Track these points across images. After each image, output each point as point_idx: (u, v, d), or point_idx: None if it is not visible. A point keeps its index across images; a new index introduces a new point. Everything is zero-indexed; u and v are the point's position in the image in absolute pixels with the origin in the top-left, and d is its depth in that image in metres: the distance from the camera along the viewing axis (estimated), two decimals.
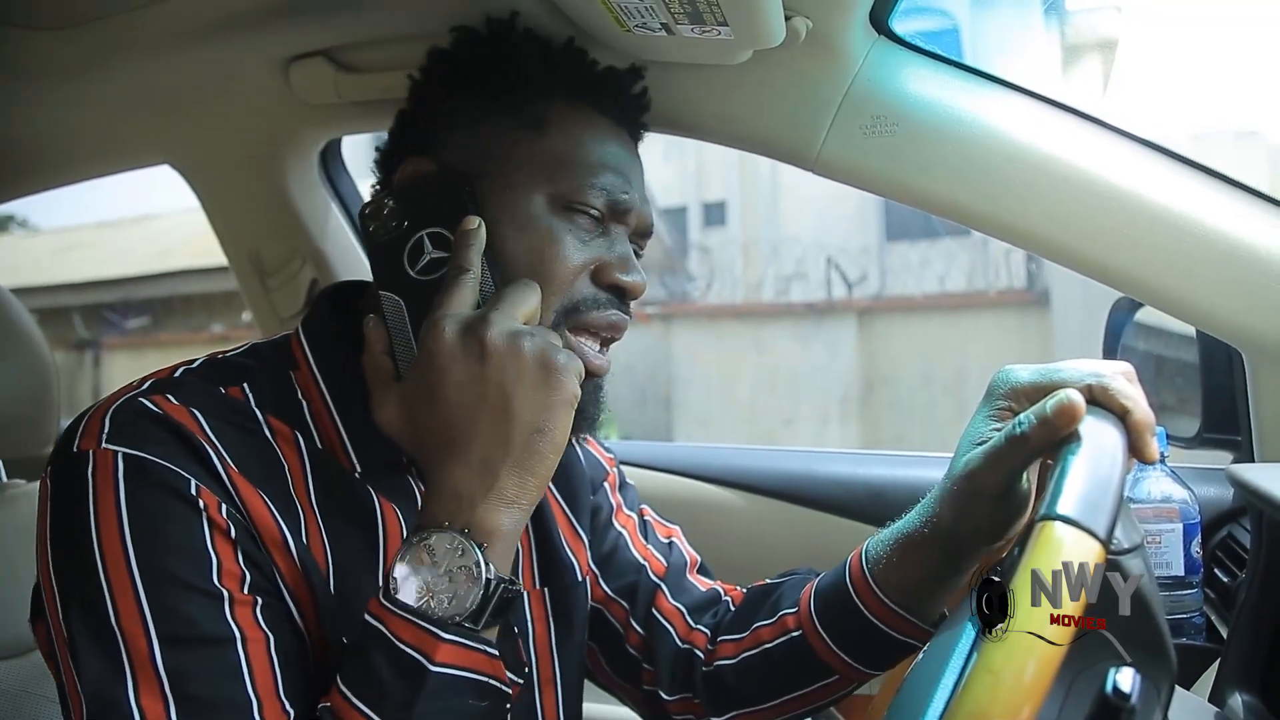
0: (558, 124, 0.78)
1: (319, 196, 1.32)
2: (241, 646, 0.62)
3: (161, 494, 0.63)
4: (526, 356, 0.64)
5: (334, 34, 1.02)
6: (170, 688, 0.60)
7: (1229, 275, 0.88)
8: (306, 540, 0.69)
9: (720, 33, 0.79)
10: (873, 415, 8.00)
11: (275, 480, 0.69)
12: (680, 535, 1.00)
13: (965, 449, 0.71)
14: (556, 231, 0.75)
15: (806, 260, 8.89)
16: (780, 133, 0.94)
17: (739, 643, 0.89)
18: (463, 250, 0.70)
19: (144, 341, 9.67)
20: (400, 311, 0.72)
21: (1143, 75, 6.77)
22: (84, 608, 0.62)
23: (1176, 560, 0.94)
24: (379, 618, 0.61)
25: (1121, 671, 0.50)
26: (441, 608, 0.61)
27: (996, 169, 0.90)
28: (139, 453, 0.63)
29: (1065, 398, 0.63)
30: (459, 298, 0.68)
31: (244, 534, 0.65)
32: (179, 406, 0.66)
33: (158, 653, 0.60)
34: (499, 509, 0.63)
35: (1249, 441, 0.97)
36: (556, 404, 0.65)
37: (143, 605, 0.61)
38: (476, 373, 0.64)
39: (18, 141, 1.28)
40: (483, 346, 0.64)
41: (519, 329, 0.66)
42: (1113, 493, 0.55)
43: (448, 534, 0.62)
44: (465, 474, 0.63)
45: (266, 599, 0.65)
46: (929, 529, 0.76)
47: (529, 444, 0.64)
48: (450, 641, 0.60)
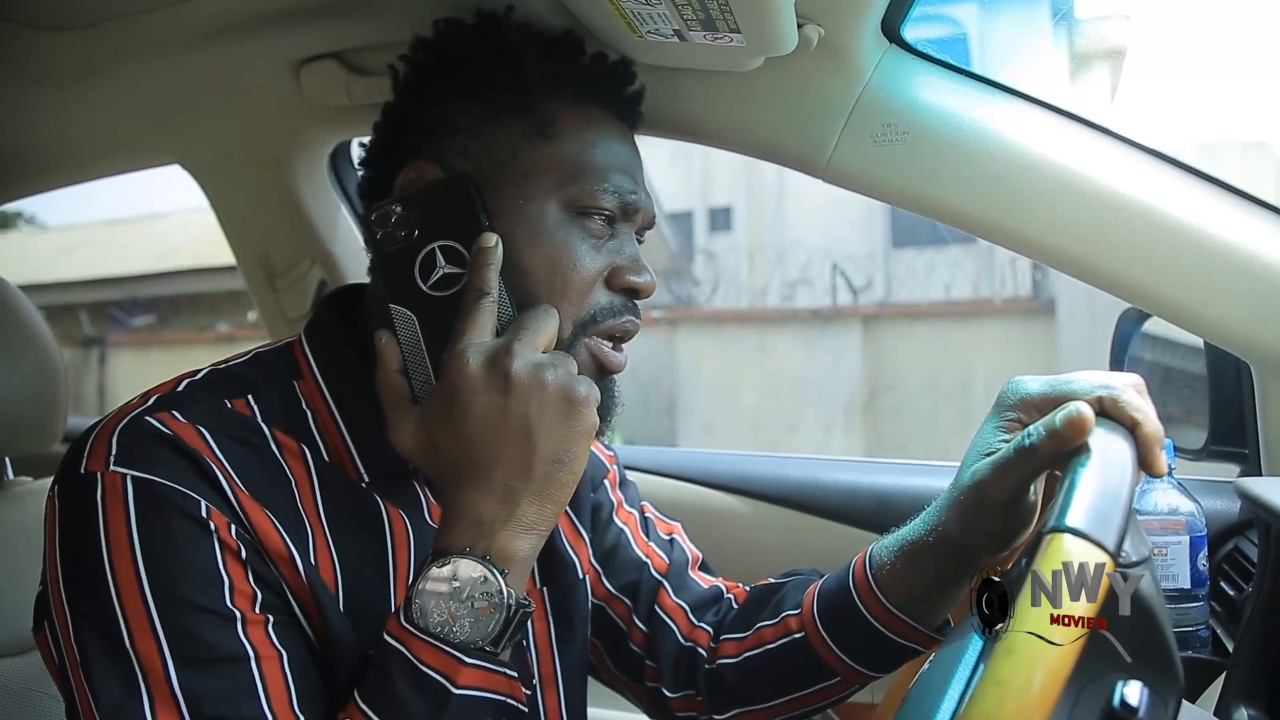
0: (565, 126, 0.77)
1: (328, 198, 1.32)
2: (256, 665, 0.63)
3: (172, 516, 0.63)
4: (550, 389, 0.65)
5: (346, 36, 1.02)
6: (187, 708, 0.60)
7: (1238, 287, 0.87)
8: (314, 555, 0.69)
9: (733, 40, 0.79)
10: (877, 422, 7.99)
11: (282, 497, 0.69)
12: (681, 532, 1.00)
13: (973, 459, 0.71)
14: (572, 241, 0.75)
15: (812, 266, 8.89)
16: (791, 140, 0.94)
17: (741, 642, 0.89)
18: (480, 270, 0.69)
19: (150, 339, 9.69)
20: (413, 327, 0.71)
21: (1152, 85, 6.76)
22: (98, 631, 0.62)
23: (1183, 573, 0.93)
24: (400, 639, 0.62)
25: (1129, 685, 0.50)
26: (464, 632, 0.62)
27: (1006, 178, 0.89)
28: (148, 475, 0.63)
29: (1075, 410, 0.63)
30: (479, 324, 0.68)
31: (253, 554, 0.65)
32: (186, 425, 0.66)
33: (173, 674, 0.61)
34: (519, 535, 0.64)
35: (1256, 454, 0.97)
36: (578, 435, 0.66)
37: (157, 628, 0.61)
38: (501, 404, 0.64)
39: (30, 141, 1.29)
40: (507, 379, 0.64)
41: (541, 360, 0.66)
42: (1122, 505, 0.54)
43: (470, 560, 0.63)
44: (487, 501, 0.64)
45: (278, 616, 0.66)
46: (934, 537, 0.76)
47: (550, 473, 0.65)
48: (473, 666, 0.61)
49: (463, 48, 0.80)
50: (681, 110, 0.94)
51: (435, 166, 0.76)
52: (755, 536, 1.29)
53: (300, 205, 1.29)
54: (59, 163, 1.37)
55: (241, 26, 1.01)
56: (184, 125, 1.24)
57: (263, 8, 0.97)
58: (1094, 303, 1.37)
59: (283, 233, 1.33)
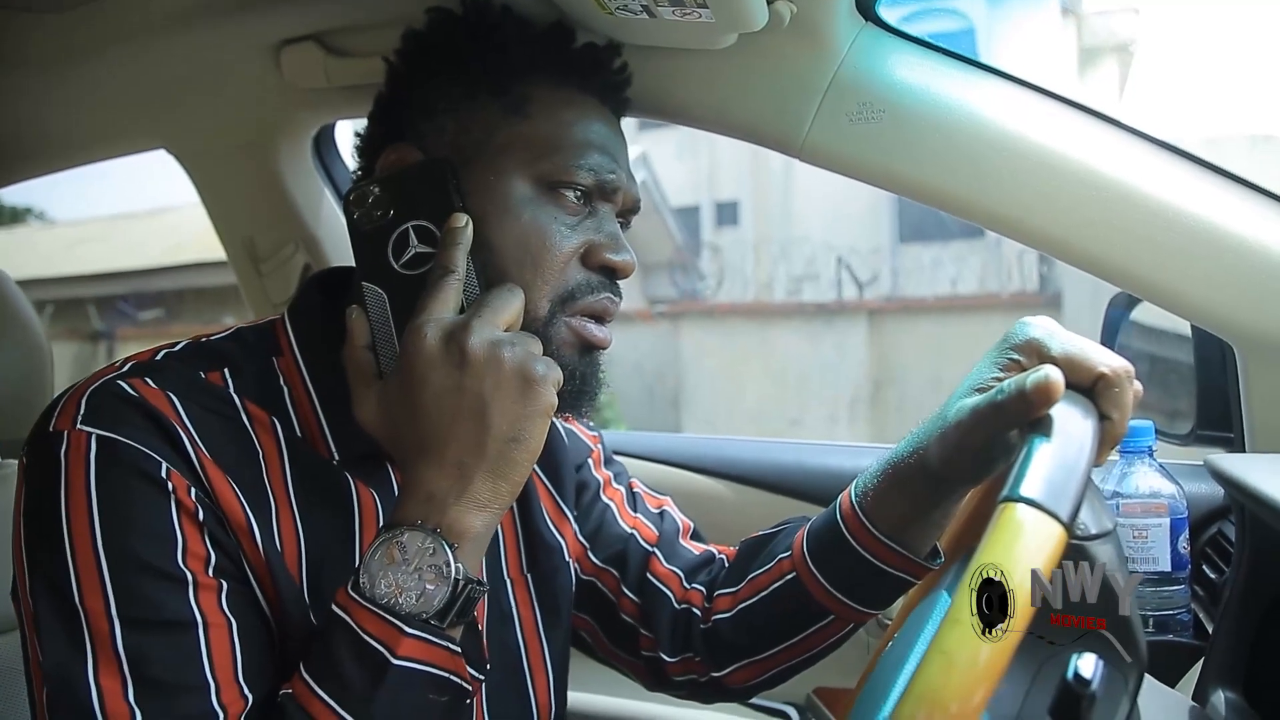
0: (541, 105, 0.77)
1: (312, 182, 1.32)
2: (203, 631, 0.63)
3: (131, 476, 0.63)
4: (506, 366, 0.65)
5: (323, 17, 1.02)
6: (129, 668, 0.60)
7: (1220, 268, 0.86)
8: (278, 528, 0.69)
9: (701, 15, 0.78)
10: (881, 416, 7.98)
11: (248, 467, 0.69)
12: (672, 504, 1.00)
13: (963, 392, 0.71)
14: (544, 219, 0.74)
15: (818, 260, 8.88)
16: (766, 119, 0.93)
17: (735, 595, 0.89)
18: (449, 249, 0.69)
19: (157, 333, 9.73)
20: (383, 305, 0.71)
21: (1159, 79, 6.72)
22: (49, 585, 0.62)
23: (1163, 556, 0.93)
24: (345, 608, 0.62)
25: (1083, 658, 0.50)
26: (410, 604, 0.62)
27: (983, 157, 0.88)
28: (111, 434, 0.64)
29: (1044, 376, 0.62)
30: (442, 300, 0.68)
31: (211, 518, 0.65)
32: (156, 390, 0.67)
33: (118, 633, 0.61)
34: (471, 511, 0.64)
35: (1241, 438, 0.96)
36: (533, 414, 0.65)
37: (106, 585, 0.61)
38: (456, 380, 0.64)
39: (14, 126, 1.29)
40: (463, 355, 0.64)
41: (500, 337, 0.66)
42: (1078, 478, 0.54)
43: (420, 532, 0.63)
44: (440, 476, 0.64)
45: (231, 583, 0.66)
46: (915, 459, 0.76)
47: (504, 452, 0.65)
48: (413, 636, 0.61)
49: (446, 31, 0.81)
50: (656, 89, 0.93)
51: (415, 149, 0.76)
52: (740, 521, 1.27)
53: (284, 189, 1.28)
54: (46, 148, 1.37)
55: (221, 8, 1.02)
56: (168, 109, 1.24)
57: None
58: (1099, 297, 1.37)
59: (267, 217, 1.32)
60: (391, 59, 0.83)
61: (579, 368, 0.76)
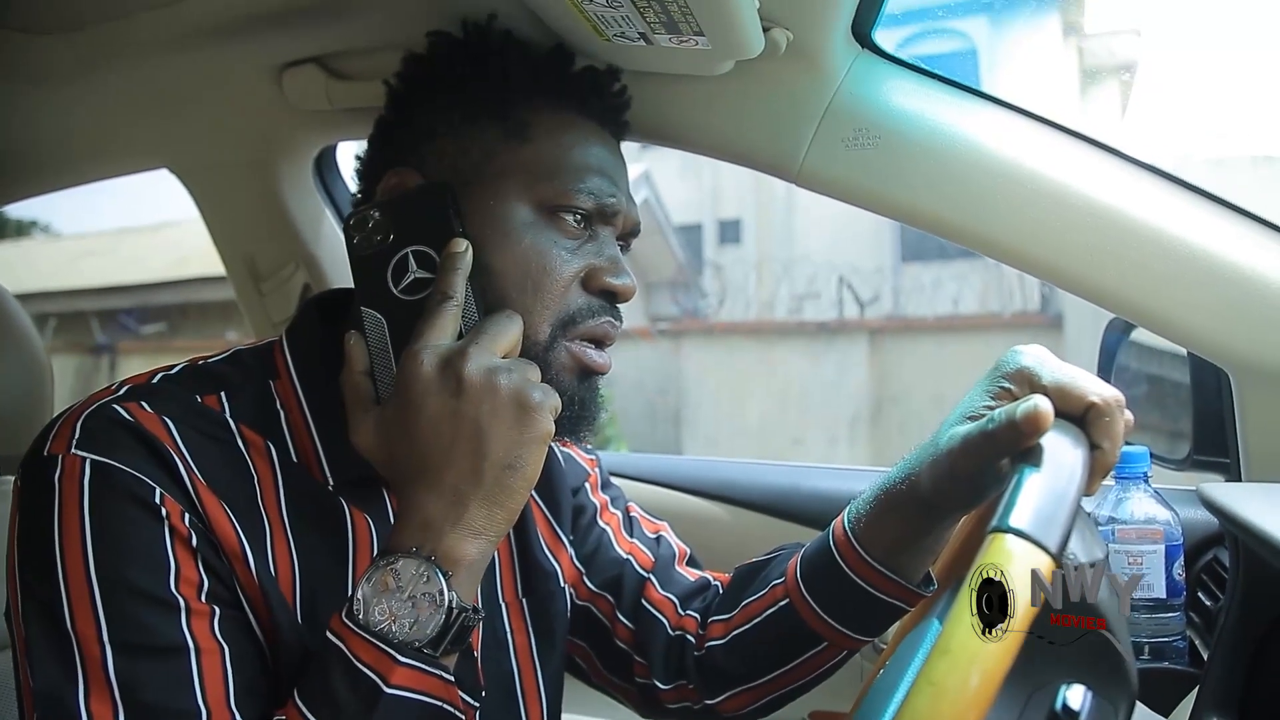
0: (541, 129, 0.77)
1: (313, 202, 1.33)
2: (195, 657, 0.63)
3: (125, 501, 0.63)
4: (502, 393, 0.65)
5: (326, 41, 1.02)
6: (120, 694, 0.60)
7: (1215, 295, 0.86)
8: (272, 553, 0.69)
9: (697, 43, 0.79)
10: (883, 436, 7.96)
11: (243, 491, 0.69)
12: (669, 530, 1.00)
13: (954, 420, 0.71)
14: (544, 243, 0.74)
15: (819, 279, 8.89)
16: (763, 144, 0.93)
17: (728, 621, 0.89)
18: (448, 275, 0.70)
19: (159, 347, 9.75)
20: (382, 330, 0.71)
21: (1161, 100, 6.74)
22: (41, 609, 0.62)
23: (1158, 582, 0.92)
24: (339, 635, 0.62)
25: (1071, 689, 0.50)
26: (403, 631, 0.61)
27: (979, 183, 0.89)
28: (106, 460, 0.64)
29: (1033, 406, 0.62)
30: (440, 326, 0.68)
31: (205, 543, 0.65)
32: (151, 415, 0.67)
33: (110, 659, 0.61)
34: (466, 539, 0.64)
35: (1237, 464, 0.95)
36: (530, 441, 0.65)
37: (98, 610, 0.61)
38: (452, 407, 0.64)
39: (18, 144, 1.30)
40: (459, 382, 0.64)
41: (497, 364, 0.66)
42: (1067, 508, 0.54)
43: (414, 559, 0.62)
44: (436, 503, 0.64)
45: (224, 609, 0.66)
46: (907, 486, 0.76)
47: (500, 479, 0.64)
48: (406, 665, 0.61)
49: (447, 56, 0.81)
50: (654, 115, 0.93)
51: (415, 173, 0.77)
52: (736, 544, 1.28)
53: (285, 209, 1.29)
54: (49, 166, 1.38)
55: (224, 30, 1.02)
56: (170, 129, 1.25)
57: (245, 11, 0.97)
58: (1101, 318, 1.36)
59: (268, 236, 1.33)
60: (392, 82, 0.83)
61: (578, 393, 0.76)
